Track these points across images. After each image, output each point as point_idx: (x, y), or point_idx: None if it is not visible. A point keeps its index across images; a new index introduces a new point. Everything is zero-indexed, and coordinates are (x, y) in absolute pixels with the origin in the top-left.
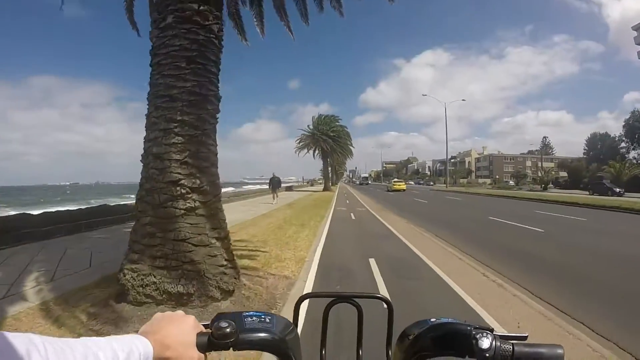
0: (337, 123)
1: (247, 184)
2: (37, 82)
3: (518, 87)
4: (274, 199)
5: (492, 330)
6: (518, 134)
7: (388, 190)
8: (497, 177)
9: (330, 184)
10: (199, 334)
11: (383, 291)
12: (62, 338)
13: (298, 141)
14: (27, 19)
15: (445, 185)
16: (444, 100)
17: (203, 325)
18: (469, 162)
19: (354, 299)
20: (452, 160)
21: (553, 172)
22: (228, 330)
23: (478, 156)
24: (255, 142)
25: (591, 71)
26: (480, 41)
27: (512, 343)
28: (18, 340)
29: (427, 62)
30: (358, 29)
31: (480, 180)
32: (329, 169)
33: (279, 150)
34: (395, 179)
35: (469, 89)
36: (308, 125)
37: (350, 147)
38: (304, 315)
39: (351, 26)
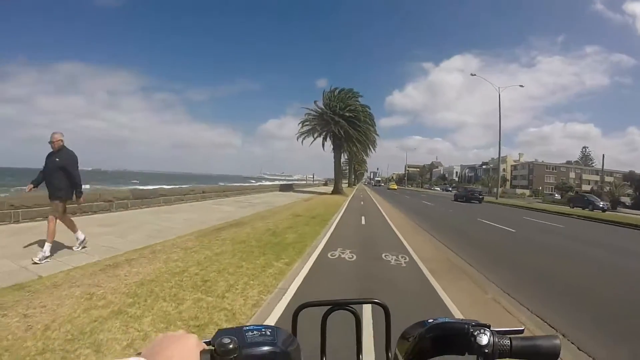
0: (356, 100)
1: (266, 179)
2: (63, 68)
3: (547, 97)
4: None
5: (489, 327)
6: (544, 145)
7: (388, 189)
8: (539, 188)
9: (347, 184)
10: (202, 352)
11: None
12: None
13: (301, 124)
14: (54, 5)
15: (494, 196)
16: (498, 85)
17: (205, 342)
18: (504, 169)
19: (351, 305)
20: (484, 167)
21: (623, 187)
22: (230, 346)
23: (515, 163)
24: (279, 139)
25: (622, 85)
26: (511, 48)
27: (510, 337)
28: None
29: (455, 67)
30: (388, 31)
31: (519, 191)
32: (346, 165)
33: (303, 147)
34: (392, 182)
35: (497, 96)
36: (315, 102)
37: (374, 135)
38: None
39: (381, 28)
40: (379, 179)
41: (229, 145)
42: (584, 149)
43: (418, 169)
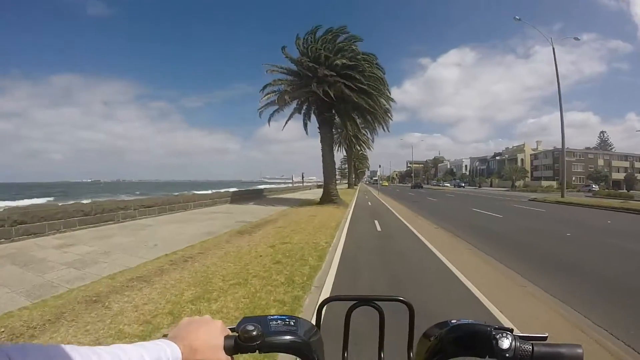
0: (353, 46)
1: (265, 182)
2: (58, 80)
3: (545, 87)
4: None
5: (511, 331)
6: (543, 136)
7: (381, 186)
8: (572, 178)
9: (347, 185)
10: (226, 337)
11: None
12: (90, 347)
13: (263, 92)
14: (47, 17)
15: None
16: (550, 36)
17: (230, 328)
18: (522, 159)
19: (376, 301)
20: (497, 158)
21: None
22: (254, 333)
23: (534, 152)
24: (277, 142)
25: (619, 71)
26: (507, 40)
27: (532, 343)
28: (47, 350)
29: (453, 61)
30: (386, 28)
31: (545, 183)
32: (344, 163)
33: (302, 150)
34: (384, 180)
35: (494, 89)
36: (284, 48)
37: (386, 102)
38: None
39: (378, 25)
40: (376, 178)
41: (227, 151)
42: (601, 134)
43: (421, 165)
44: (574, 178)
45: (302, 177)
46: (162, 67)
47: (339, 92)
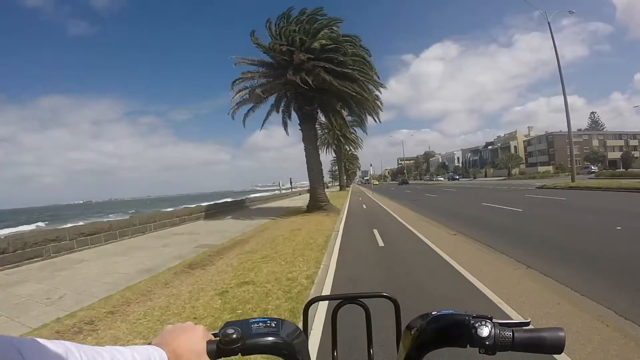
0: (334, 28)
1: (258, 191)
2: (45, 102)
3: (528, 74)
4: None
5: (491, 318)
6: (531, 123)
7: (373, 185)
8: (570, 162)
9: (339, 187)
10: (209, 342)
11: None
12: (92, 346)
13: (234, 89)
14: (29, 39)
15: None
16: (545, 11)
17: (212, 334)
18: (515, 146)
19: (361, 299)
20: (490, 148)
21: None
22: (234, 336)
23: (527, 138)
24: (268, 149)
25: (601, 53)
26: (488, 30)
27: (512, 329)
28: (55, 346)
29: (436, 55)
30: (367, 28)
31: (541, 169)
32: (335, 165)
33: (293, 156)
34: (375, 179)
35: (480, 79)
36: (253, 33)
37: (376, 88)
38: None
39: (360, 25)
40: (368, 178)
41: (219, 162)
42: (592, 115)
43: (413, 161)
44: (574, 161)
45: (291, 183)
46: (148, 82)
47: (320, 80)
